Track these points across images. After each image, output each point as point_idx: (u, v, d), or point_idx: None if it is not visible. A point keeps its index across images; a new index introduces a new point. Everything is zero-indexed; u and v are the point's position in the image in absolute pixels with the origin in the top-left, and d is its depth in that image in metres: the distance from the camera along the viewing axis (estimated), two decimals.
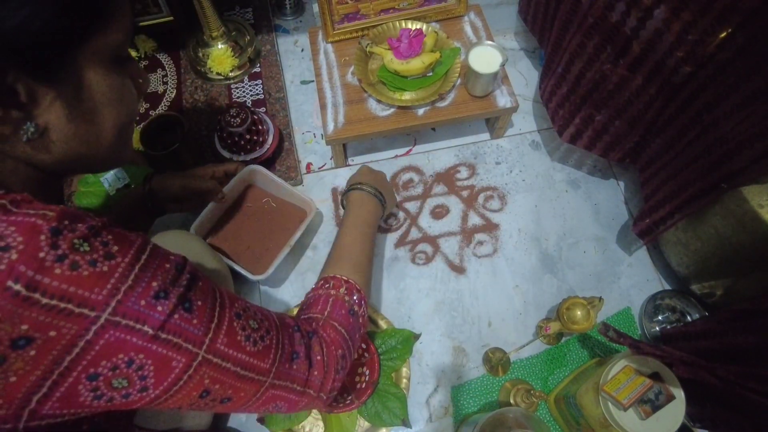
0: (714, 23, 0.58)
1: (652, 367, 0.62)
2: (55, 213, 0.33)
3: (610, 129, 0.80)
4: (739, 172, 0.61)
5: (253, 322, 0.45)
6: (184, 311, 0.38)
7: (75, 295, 0.32)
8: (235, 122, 0.84)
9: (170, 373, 0.37)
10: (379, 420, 0.75)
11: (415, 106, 0.87)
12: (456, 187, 0.96)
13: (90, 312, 0.33)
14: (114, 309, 0.34)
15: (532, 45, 1.10)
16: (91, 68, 0.39)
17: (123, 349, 0.35)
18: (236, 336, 0.42)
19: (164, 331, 0.36)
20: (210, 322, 0.40)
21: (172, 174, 0.76)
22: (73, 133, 0.40)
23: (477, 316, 0.85)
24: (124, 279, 0.35)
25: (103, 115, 0.42)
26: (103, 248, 0.35)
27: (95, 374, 0.34)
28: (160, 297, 0.37)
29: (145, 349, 0.36)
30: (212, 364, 0.40)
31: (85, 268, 0.33)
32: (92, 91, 0.40)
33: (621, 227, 0.92)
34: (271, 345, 0.45)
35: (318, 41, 0.96)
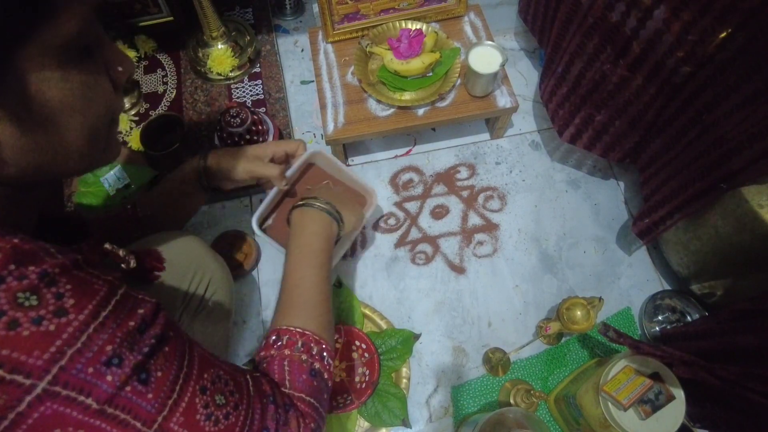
0: (714, 23, 0.58)
1: (652, 367, 0.62)
2: (2, 254, 0.29)
3: (610, 129, 0.80)
4: (738, 172, 0.61)
5: (220, 397, 0.40)
6: (138, 383, 0.34)
7: (8, 359, 0.28)
8: (235, 122, 0.84)
9: None
10: (379, 420, 0.75)
11: (415, 106, 0.87)
12: (456, 187, 0.96)
13: (24, 380, 0.29)
14: (55, 377, 0.30)
15: (532, 45, 1.10)
16: (38, 72, 0.32)
17: (61, 423, 0.30)
18: (195, 414, 0.37)
19: (111, 406, 0.32)
20: (168, 397, 0.35)
21: (230, 152, 0.69)
22: (31, 146, 0.34)
23: (477, 316, 0.85)
24: (74, 341, 0.30)
25: (63, 123, 0.35)
26: (55, 302, 0.30)
27: None
28: (112, 364, 0.32)
29: (87, 425, 0.31)
30: None
31: (27, 326, 0.29)
32: (44, 99, 0.33)
33: (621, 227, 0.93)
34: (236, 422, 0.40)
35: (318, 41, 0.96)
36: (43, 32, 0.31)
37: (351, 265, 0.89)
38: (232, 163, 0.69)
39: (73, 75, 0.34)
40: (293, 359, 0.50)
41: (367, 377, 0.75)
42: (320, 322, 0.54)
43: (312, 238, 0.60)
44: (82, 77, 0.35)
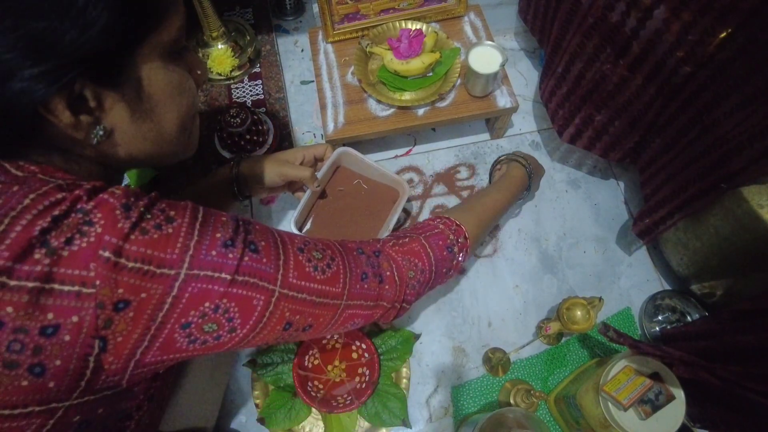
0: (714, 23, 0.58)
1: (652, 367, 0.62)
2: (121, 191, 0.37)
3: (610, 129, 0.80)
4: (738, 173, 0.61)
5: (317, 253, 0.47)
6: (252, 253, 0.41)
7: (153, 257, 0.35)
8: (235, 122, 0.84)
9: (253, 311, 0.40)
10: (379, 420, 0.75)
11: (415, 106, 0.87)
12: (456, 188, 0.96)
13: (169, 270, 0.36)
14: (190, 264, 0.37)
15: (532, 45, 1.10)
16: (149, 67, 0.41)
17: (207, 297, 0.38)
18: (304, 268, 0.44)
19: (240, 274, 0.39)
20: (277, 259, 0.43)
21: (261, 158, 0.73)
22: (137, 132, 0.43)
23: (477, 316, 0.85)
24: (190, 236, 0.38)
25: (164, 112, 0.44)
26: (162, 214, 0.37)
27: (187, 323, 0.37)
28: (227, 245, 0.39)
29: (227, 294, 0.38)
30: (289, 298, 0.43)
31: (153, 232, 0.36)
32: (152, 89, 0.42)
33: (621, 227, 0.93)
34: (338, 270, 0.48)
35: (318, 41, 0.96)
36: (154, 36, 0.40)
37: None
38: (265, 168, 0.71)
39: (172, 71, 0.43)
40: (442, 232, 0.61)
41: (367, 377, 0.75)
42: (478, 232, 0.66)
43: (517, 190, 0.77)
44: (179, 75, 0.44)
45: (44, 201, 0.34)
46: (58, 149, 0.41)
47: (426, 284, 0.59)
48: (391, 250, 0.57)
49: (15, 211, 0.33)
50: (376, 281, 0.52)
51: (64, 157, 0.41)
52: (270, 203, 0.93)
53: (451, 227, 0.62)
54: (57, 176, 0.38)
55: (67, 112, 0.37)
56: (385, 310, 0.54)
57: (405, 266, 0.56)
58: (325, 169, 0.76)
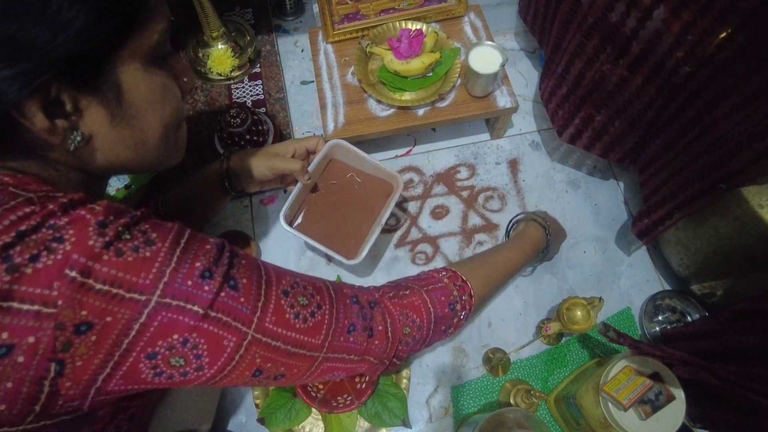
0: (714, 23, 0.58)
1: (653, 367, 0.62)
2: (101, 207, 0.35)
3: (610, 129, 0.80)
4: (738, 173, 0.61)
5: (303, 299, 0.45)
6: (230, 289, 0.39)
7: (124, 280, 0.34)
8: (235, 122, 0.84)
9: (223, 352, 0.39)
10: (379, 420, 0.75)
11: (415, 106, 0.87)
12: (456, 188, 0.96)
13: (140, 296, 0.35)
14: (162, 291, 0.35)
15: (532, 45, 1.10)
16: (130, 71, 0.40)
17: (176, 329, 0.36)
18: (284, 314, 0.42)
19: (213, 310, 0.37)
20: (257, 300, 0.41)
21: (252, 152, 0.72)
22: (117, 138, 0.41)
23: (477, 316, 0.85)
24: (167, 262, 0.36)
25: (145, 118, 0.43)
26: (143, 236, 0.36)
27: (153, 353, 0.36)
28: (205, 277, 0.38)
29: (197, 329, 0.37)
30: (262, 344, 0.41)
31: (129, 254, 0.35)
32: (132, 95, 0.41)
33: (621, 227, 0.93)
34: (323, 320, 0.45)
35: (318, 41, 0.96)
36: (135, 40, 0.39)
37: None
38: (255, 162, 0.70)
39: (155, 77, 0.42)
40: (446, 287, 0.58)
41: (367, 377, 0.75)
42: (485, 291, 0.62)
43: (533, 252, 0.74)
44: (161, 80, 0.43)
45: (11, 215, 0.32)
46: (34, 155, 0.39)
47: (422, 341, 0.56)
48: (389, 302, 0.54)
49: None
50: (365, 335, 0.49)
51: (41, 164, 0.40)
52: (270, 203, 0.93)
53: (456, 282, 0.59)
54: (31, 188, 0.36)
55: (41, 115, 0.36)
56: (370, 365, 0.51)
57: (401, 321, 0.53)
58: (317, 162, 0.75)
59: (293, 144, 0.74)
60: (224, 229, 0.89)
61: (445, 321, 0.57)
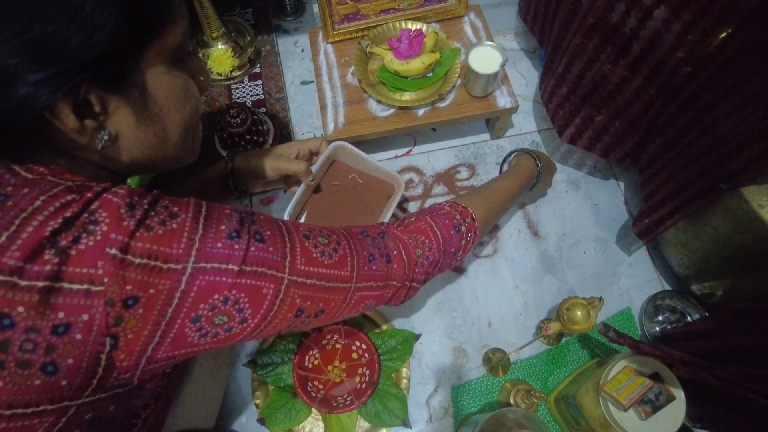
0: (714, 23, 0.58)
1: (653, 367, 0.62)
2: (124, 191, 0.37)
3: (610, 129, 0.80)
4: (738, 173, 0.61)
5: (322, 239, 0.47)
6: (258, 242, 0.41)
7: (159, 252, 0.36)
8: (235, 122, 0.84)
9: (263, 300, 0.40)
10: (379, 420, 0.75)
11: (415, 106, 0.87)
12: (456, 188, 0.96)
13: (176, 265, 0.36)
14: (196, 257, 0.37)
15: (532, 45, 1.10)
16: (154, 72, 0.41)
17: (216, 289, 0.38)
18: (311, 254, 0.45)
19: (247, 264, 0.39)
20: (284, 247, 0.43)
21: (256, 153, 0.73)
22: (142, 137, 0.43)
23: (477, 316, 0.85)
24: (195, 230, 0.38)
25: (168, 117, 0.44)
26: (166, 210, 0.38)
27: (197, 317, 0.38)
28: (233, 237, 0.39)
29: (236, 285, 0.39)
30: (298, 284, 0.43)
31: (158, 228, 0.36)
32: (156, 94, 0.42)
33: (621, 227, 0.92)
34: (345, 254, 0.48)
35: (318, 42, 0.96)
36: (158, 41, 0.40)
37: None
38: (260, 162, 0.71)
39: (177, 77, 0.44)
40: (449, 213, 0.61)
41: (367, 377, 0.75)
42: (486, 216, 0.65)
43: (526, 181, 0.78)
44: (182, 80, 0.45)
45: (55, 202, 0.34)
46: (63, 154, 0.41)
47: (435, 263, 0.58)
48: (396, 230, 0.57)
49: (26, 213, 0.33)
50: (384, 261, 0.52)
51: (69, 162, 0.42)
52: (270, 203, 0.93)
53: (457, 208, 0.62)
54: (66, 178, 0.38)
55: (72, 116, 0.37)
56: (395, 290, 0.54)
57: (412, 245, 0.56)
58: (320, 163, 0.76)
59: (297, 145, 0.75)
60: None
61: (452, 242, 0.60)
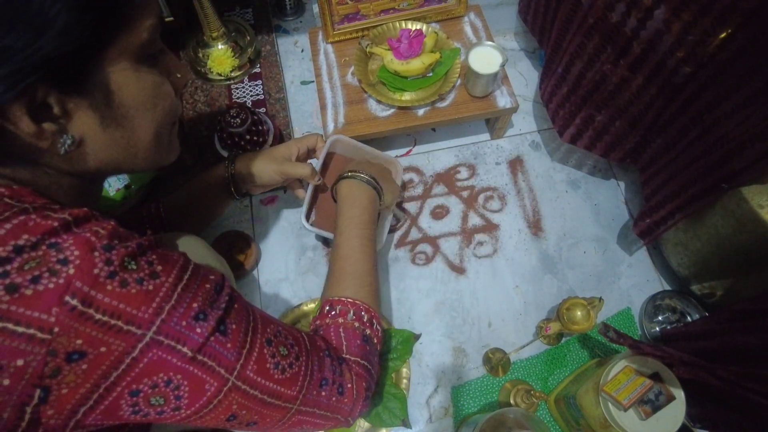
0: (714, 23, 0.58)
1: (652, 367, 0.62)
2: (106, 231, 0.34)
3: (611, 129, 0.80)
4: (739, 173, 0.61)
5: (284, 349, 0.45)
6: (220, 335, 0.39)
7: (124, 312, 0.33)
8: (235, 122, 0.84)
9: (203, 395, 0.39)
10: (379, 420, 0.74)
11: (415, 106, 0.87)
12: (456, 188, 0.96)
13: (137, 330, 0.34)
14: (158, 328, 0.35)
15: (532, 45, 1.10)
16: (118, 72, 0.38)
17: (163, 368, 0.36)
18: (265, 363, 0.43)
19: (201, 354, 0.37)
20: (242, 347, 0.41)
21: (256, 155, 0.71)
22: (109, 141, 0.40)
23: (477, 316, 0.85)
24: (168, 298, 0.36)
25: (136, 119, 0.41)
26: (149, 267, 0.36)
27: (137, 390, 0.36)
28: (199, 319, 0.37)
29: (183, 370, 0.37)
30: (240, 391, 0.41)
31: (133, 286, 0.34)
32: (122, 95, 0.39)
33: (621, 228, 0.92)
34: (299, 372, 0.46)
35: (318, 42, 0.96)
36: (121, 38, 0.37)
37: None
38: (261, 166, 0.70)
39: (145, 76, 0.41)
40: (347, 326, 0.56)
41: None
42: (369, 291, 0.60)
43: (360, 211, 0.66)
44: (152, 79, 0.42)
45: (5, 225, 0.32)
46: (25, 162, 0.38)
47: (372, 392, 0.56)
48: (357, 368, 0.54)
49: None
50: (335, 391, 0.49)
51: (32, 170, 0.39)
52: (270, 204, 0.93)
53: (347, 313, 0.56)
54: (27, 200, 0.35)
55: (27, 119, 0.34)
56: (337, 423, 0.52)
57: (362, 381, 0.53)
58: (321, 160, 0.77)
59: (295, 144, 0.74)
60: (224, 229, 0.89)
61: (371, 356, 0.56)
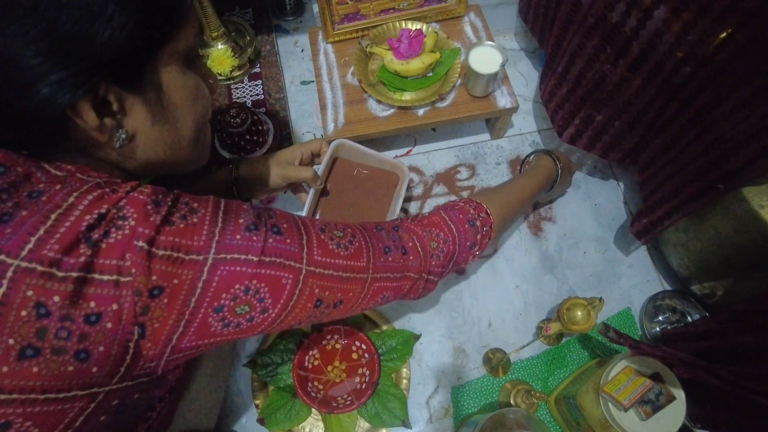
0: (714, 24, 0.58)
1: (653, 367, 0.62)
2: (149, 189, 0.39)
3: (610, 129, 0.80)
4: (736, 173, 0.61)
5: (338, 232, 0.49)
6: (276, 234, 0.42)
7: (181, 245, 0.37)
8: (235, 122, 0.84)
9: (283, 290, 0.42)
10: (379, 421, 0.75)
11: (415, 106, 0.87)
12: (456, 188, 0.96)
13: (197, 257, 0.38)
14: (216, 248, 0.39)
15: (532, 45, 1.10)
16: (169, 72, 0.42)
17: (237, 279, 0.39)
18: (327, 245, 0.46)
19: (266, 255, 0.41)
20: (301, 239, 0.44)
21: (260, 159, 0.73)
22: (157, 136, 0.44)
23: (477, 316, 0.85)
24: (214, 223, 0.40)
25: (182, 116, 0.45)
26: (187, 207, 0.40)
27: (220, 306, 0.39)
28: (251, 229, 0.41)
29: (256, 275, 0.40)
30: (316, 274, 0.44)
31: (180, 222, 0.38)
32: (171, 94, 0.43)
33: (621, 228, 0.92)
34: (361, 246, 0.49)
35: (318, 41, 0.96)
36: (173, 42, 0.41)
37: None
38: (265, 170, 0.71)
39: (189, 78, 0.45)
40: (462, 209, 0.62)
41: (367, 378, 0.75)
42: (501, 214, 0.65)
43: (546, 182, 0.78)
44: (194, 81, 0.46)
45: (87, 198, 0.36)
46: (83, 153, 0.42)
47: (450, 257, 0.59)
48: (410, 224, 0.58)
49: (61, 209, 0.35)
50: (400, 253, 0.53)
51: (89, 161, 0.43)
52: (270, 203, 0.93)
53: (471, 204, 0.63)
54: (92, 175, 0.40)
55: (93, 114, 0.38)
56: (412, 282, 0.55)
57: (426, 237, 0.57)
58: (324, 165, 0.77)
59: (299, 149, 0.74)
60: None
61: (467, 237, 0.60)
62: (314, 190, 0.75)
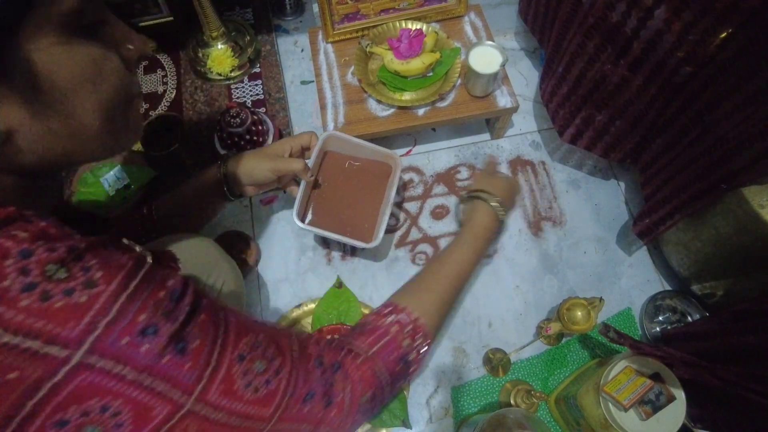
0: (715, 23, 0.58)
1: (653, 367, 0.62)
2: (29, 233, 0.29)
3: (611, 129, 0.80)
4: (738, 173, 0.61)
5: (260, 363, 0.39)
6: (176, 353, 0.33)
7: (43, 331, 0.28)
8: (235, 122, 0.84)
9: (149, 422, 0.33)
10: (379, 421, 0.75)
11: (415, 106, 0.87)
12: (456, 188, 0.95)
13: (59, 352, 0.28)
14: (91, 347, 0.29)
15: (532, 45, 1.10)
16: (42, 49, 0.31)
17: (97, 393, 0.30)
18: (234, 384, 0.36)
19: (149, 375, 0.32)
20: (205, 367, 0.35)
21: (247, 155, 0.69)
22: (44, 131, 0.33)
23: (477, 316, 0.85)
24: (106, 311, 0.30)
25: (75, 101, 0.34)
26: (84, 275, 0.30)
27: (64, 420, 0.30)
28: (147, 334, 0.31)
29: (123, 395, 0.31)
30: (199, 416, 0.35)
31: (59, 298, 0.29)
32: (51, 77, 0.32)
33: (621, 228, 0.92)
34: (278, 389, 0.40)
35: (318, 41, 0.96)
36: (39, 8, 0.30)
37: (351, 265, 0.89)
38: (254, 165, 0.69)
39: (79, 52, 0.33)
40: (395, 338, 0.52)
41: None
42: (440, 318, 0.57)
43: (487, 241, 0.65)
44: (90, 54, 0.34)
45: None
46: None
47: (375, 411, 0.52)
48: (351, 365, 0.48)
49: None
50: (322, 404, 0.44)
51: None
52: (270, 203, 0.93)
53: (406, 327, 0.53)
54: None
55: None
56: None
57: (360, 391, 0.48)
58: (314, 158, 0.76)
59: (288, 142, 0.73)
60: (224, 229, 0.89)
61: (396, 378, 0.52)
62: (305, 182, 0.75)
